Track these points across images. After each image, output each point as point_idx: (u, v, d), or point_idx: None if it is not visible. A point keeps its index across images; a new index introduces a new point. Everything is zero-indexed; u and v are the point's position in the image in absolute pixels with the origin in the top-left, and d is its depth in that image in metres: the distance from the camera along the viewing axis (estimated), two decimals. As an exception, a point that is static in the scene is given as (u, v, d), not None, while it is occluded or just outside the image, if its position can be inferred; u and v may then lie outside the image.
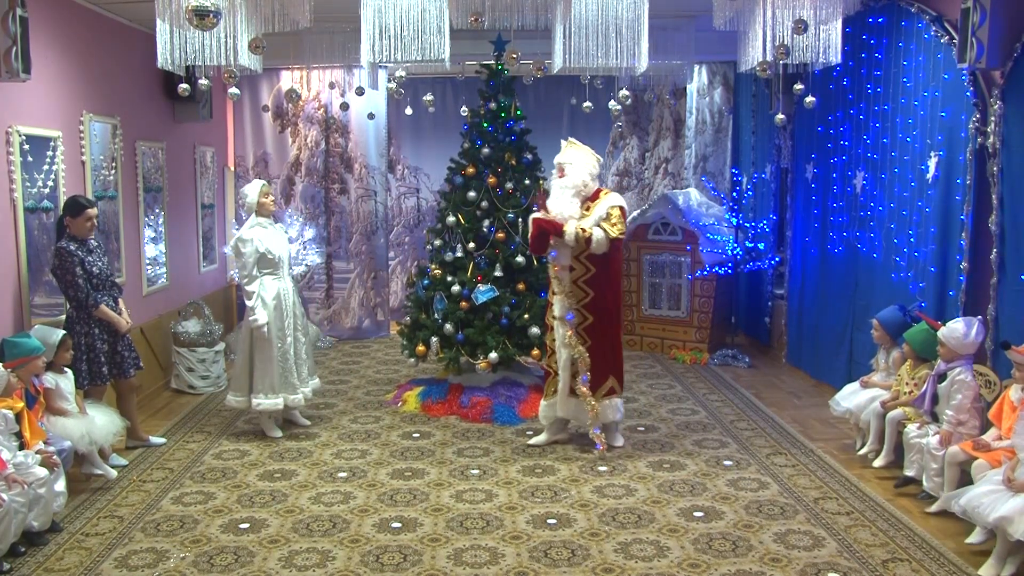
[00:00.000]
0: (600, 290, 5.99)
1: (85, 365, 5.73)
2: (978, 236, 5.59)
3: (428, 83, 9.94)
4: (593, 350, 6.04)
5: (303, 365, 6.63)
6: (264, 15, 5.35)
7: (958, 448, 4.82)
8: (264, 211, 6.49)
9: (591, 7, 5.46)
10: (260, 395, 6.38)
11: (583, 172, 6.01)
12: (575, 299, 5.99)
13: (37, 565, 4.42)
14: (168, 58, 5.27)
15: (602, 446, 6.11)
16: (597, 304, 6.00)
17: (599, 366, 6.07)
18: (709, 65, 10.20)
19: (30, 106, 5.83)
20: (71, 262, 5.60)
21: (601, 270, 5.97)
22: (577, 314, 6.00)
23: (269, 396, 6.38)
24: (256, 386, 6.40)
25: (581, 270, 5.96)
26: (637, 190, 10.93)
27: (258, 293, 6.31)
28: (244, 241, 6.36)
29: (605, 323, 6.04)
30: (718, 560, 4.47)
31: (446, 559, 4.49)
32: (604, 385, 6.11)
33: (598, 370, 6.07)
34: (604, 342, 6.06)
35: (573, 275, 5.98)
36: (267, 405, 6.39)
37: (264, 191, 6.53)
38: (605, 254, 5.90)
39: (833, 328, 7.57)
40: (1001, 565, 4.22)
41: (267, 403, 6.38)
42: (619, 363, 6.22)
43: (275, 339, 6.36)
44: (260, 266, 6.37)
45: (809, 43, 5.42)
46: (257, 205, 6.46)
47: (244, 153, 10.04)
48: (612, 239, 5.85)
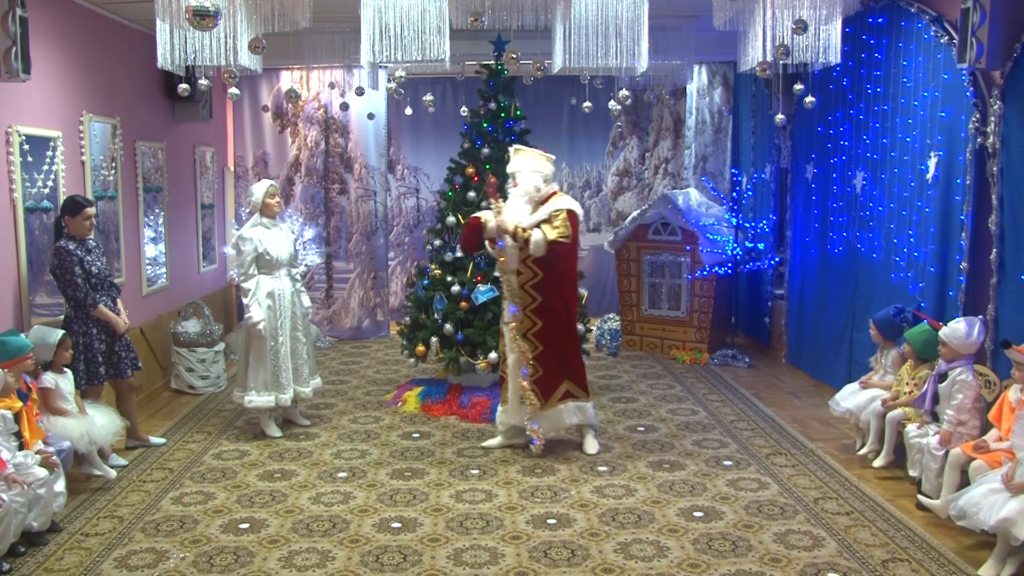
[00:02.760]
0: (548, 295, 5.89)
1: (83, 365, 5.73)
2: (978, 236, 5.59)
3: (428, 83, 9.93)
4: (543, 355, 5.96)
5: (304, 365, 6.62)
6: (264, 15, 5.35)
7: (960, 451, 4.82)
8: (268, 212, 6.48)
9: (591, 7, 5.47)
10: (252, 392, 6.41)
11: (532, 177, 5.93)
12: (523, 303, 5.93)
13: (37, 565, 4.42)
14: (168, 58, 5.27)
15: (539, 441, 6.03)
16: (545, 309, 5.90)
17: (550, 370, 5.98)
18: (709, 65, 10.21)
19: (30, 106, 5.83)
20: (70, 261, 5.59)
21: (549, 275, 5.86)
22: (526, 319, 5.92)
23: (261, 394, 6.40)
24: (248, 383, 6.43)
25: (528, 274, 5.87)
26: (637, 190, 10.93)
27: (254, 291, 6.32)
28: (244, 240, 6.38)
29: (554, 328, 5.95)
30: (718, 560, 4.47)
31: (446, 559, 4.49)
32: (558, 390, 6.02)
33: (549, 375, 5.99)
34: (554, 347, 5.97)
35: (520, 279, 5.89)
36: (259, 403, 6.40)
37: (271, 192, 6.51)
38: (554, 258, 5.79)
39: (833, 328, 7.57)
40: (1001, 565, 4.22)
41: (258, 400, 6.40)
42: (575, 368, 6.12)
43: (268, 337, 6.36)
44: (258, 266, 6.38)
45: (809, 43, 5.42)
46: (262, 205, 6.46)
47: (244, 153, 10.04)
48: (551, 241, 5.69)
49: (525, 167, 6.00)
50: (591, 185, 11.05)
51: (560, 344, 6.01)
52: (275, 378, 6.42)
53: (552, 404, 6.04)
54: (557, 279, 5.91)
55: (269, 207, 6.47)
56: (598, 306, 10.60)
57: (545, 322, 5.94)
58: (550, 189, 6.00)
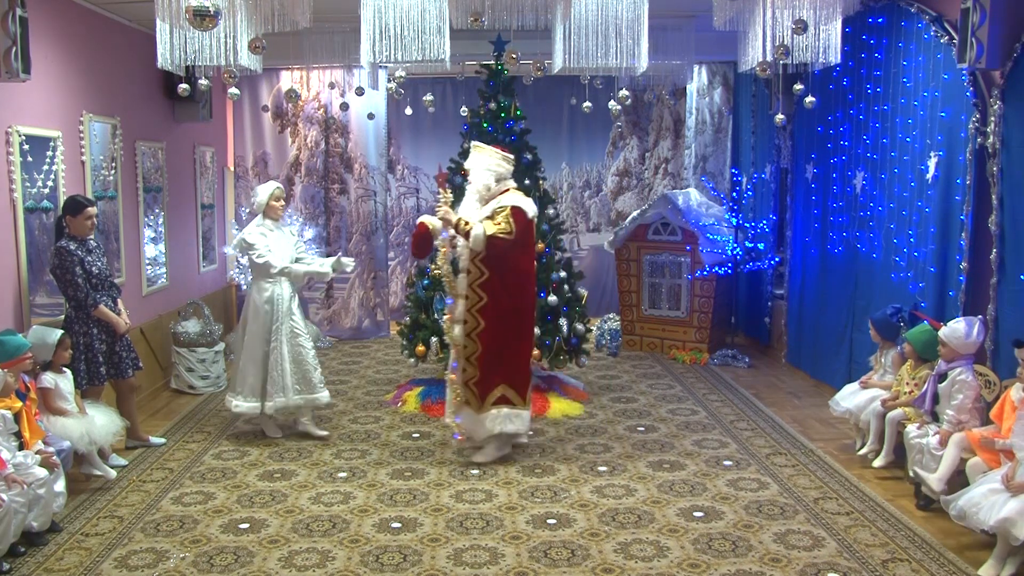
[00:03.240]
0: (494, 295, 5.74)
1: (83, 365, 5.73)
2: (978, 236, 5.59)
3: (428, 83, 9.93)
4: (483, 356, 5.81)
5: (313, 371, 6.37)
6: (264, 15, 5.35)
7: (964, 435, 4.84)
8: (272, 214, 6.41)
9: (591, 7, 5.46)
10: (239, 397, 6.31)
11: (484, 176, 5.84)
12: (470, 303, 5.80)
13: (37, 565, 4.42)
14: (168, 58, 5.27)
15: (460, 436, 6.00)
16: (489, 309, 5.75)
17: (489, 371, 5.81)
18: (709, 65, 10.21)
19: (30, 106, 5.83)
20: (71, 261, 5.59)
21: (496, 275, 5.72)
22: (471, 318, 5.81)
23: (248, 399, 6.30)
24: (236, 387, 6.34)
25: (476, 273, 5.76)
26: (637, 190, 10.93)
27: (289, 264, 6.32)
28: (252, 234, 6.31)
29: (499, 329, 5.77)
30: (718, 560, 4.47)
31: (446, 559, 4.49)
32: (493, 392, 5.82)
33: (487, 375, 5.82)
34: (496, 349, 5.79)
35: (469, 278, 5.79)
36: (244, 408, 6.31)
37: (276, 194, 6.42)
38: (503, 259, 5.69)
39: (833, 328, 7.57)
40: (1001, 565, 4.22)
41: (244, 406, 6.31)
42: (516, 374, 5.88)
43: (260, 342, 6.26)
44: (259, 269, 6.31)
45: (809, 43, 5.42)
46: (266, 207, 6.38)
47: (244, 153, 10.04)
48: (490, 236, 5.58)
49: (478, 165, 5.91)
50: (591, 185, 11.05)
51: (503, 347, 5.81)
52: (263, 384, 6.27)
53: (486, 408, 5.84)
54: (505, 279, 5.75)
55: (273, 209, 6.41)
56: (598, 306, 10.60)
57: (488, 323, 5.77)
58: (502, 187, 5.88)
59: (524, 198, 5.87)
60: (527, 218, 5.74)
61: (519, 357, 5.91)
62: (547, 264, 7.21)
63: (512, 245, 5.66)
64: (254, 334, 6.30)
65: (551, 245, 7.30)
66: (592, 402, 7.42)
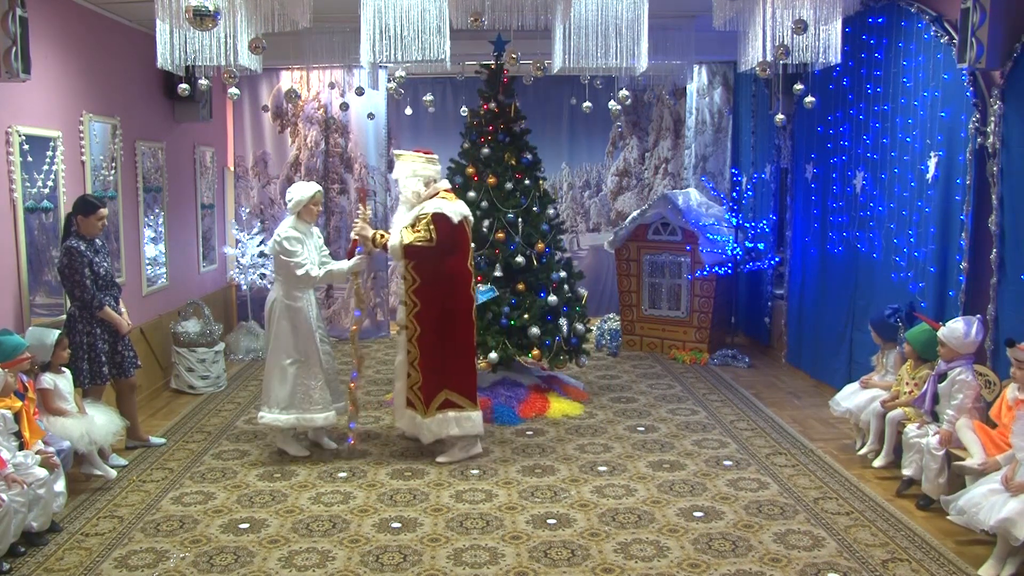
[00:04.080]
0: (427, 302, 5.80)
1: (86, 364, 5.73)
2: (978, 236, 5.59)
3: (428, 83, 9.94)
4: (423, 361, 5.85)
5: (335, 381, 6.17)
6: (264, 15, 5.35)
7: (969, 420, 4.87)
8: (308, 216, 6.01)
9: (591, 7, 5.46)
10: (275, 409, 5.94)
11: (410, 182, 5.91)
12: (407, 309, 5.87)
13: (37, 565, 4.42)
14: (168, 58, 5.27)
15: (352, 441, 6.01)
16: (424, 315, 5.82)
17: (430, 377, 5.86)
18: (709, 65, 10.21)
19: (30, 106, 5.83)
20: (80, 262, 5.60)
21: (427, 282, 5.79)
22: (410, 324, 5.87)
23: (288, 411, 5.92)
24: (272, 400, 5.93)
25: (410, 280, 5.83)
26: (637, 190, 10.93)
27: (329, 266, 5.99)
28: (292, 239, 5.86)
29: (435, 335, 5.82)
30: (718, 560, 4.47)
31: (446, 559, 4.49)
32: (437, 397, 5.86)
33: (430, 380, 5.86)
34: (435, 354, 5.84)
35: (405, 284, 5.86)
36: (322, 420, 5.94)
37: (318, 198, 6.01)
38: (431, 264, 5.75)
39: (833, 328, 7.57)
40: (1001, 565, 4.22)
41: (321, 418, 5.94)
42: (459, 378, 5.90)
43: (312, 351, 5.95)
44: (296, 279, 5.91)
45: (809, 43, 5.42)
46: (303, 208, 5.96)
47: (244, 153, 10.04)
48: (407, 245, 5.68)
49: (403, 173, 5.94)
50: (591, 185, 11.06)
51: (441, 352, 5.85)
52: (306, 395, 5.94)
53: (432, 413, 5.87)
54: (435, 284, 5.80)
55: (310, 212, 6.00)
56: (598, 306, 10.60)
57: (423, 328, 5.83)
58: (432, 191, 5.93)
59: (449, 203, 5.87)
60: (451, 223, 5.76)
61: (461, 361, 5.93)
62: (547, 264, 7.22)
63: (436, 251, 5.72)
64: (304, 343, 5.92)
65: (551, 245, 7.30)
66: (592, 402, 7.42)
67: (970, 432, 4.85)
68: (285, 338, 5.93)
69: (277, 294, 5.98)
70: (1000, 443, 4.64)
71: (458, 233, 5.83)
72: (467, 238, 5.94)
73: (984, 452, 4.68)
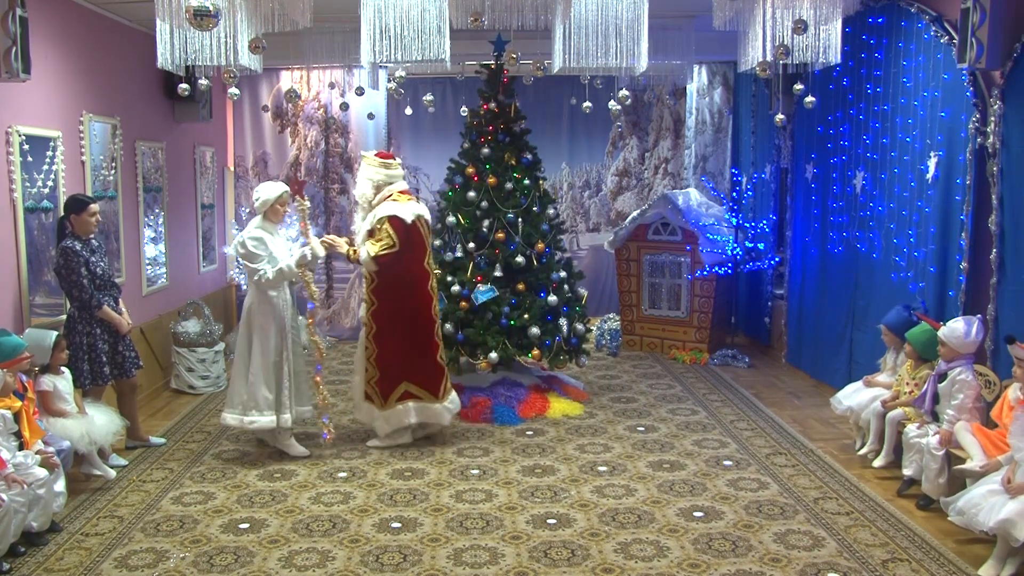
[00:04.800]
0: (383, 300, 6.02)
1: (87, 365, 5.73)
2: (978, 236, 5.59)
3: (428, 83, 9.93)
4: (380, 357, 6.09)
5: (304, 383, 6.19)
6: (264, 15, 5.35)
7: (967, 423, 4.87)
8: (275, 216, 6.00)
9: (591, 7, 5.46)
10: (253, 411, 5.91)
11: (362, 185, 6.13)
12: (366, 307, 6.13)
13: (37, 565, 4.42)
14: (168, 58, 5.27)
15: (328, 436, 6.08)
16: (381, 312, 6.05)
17: (387, 372, 6.09)
18: (709, 65, 10.21)
19: (30, 106, 5.83)
20: (76, 262, 5.60)
21: (383, 281, 6.01)
22: (368, 322, 6.12)
23: (264, 413, 5.91)
24: (248, 402, 5.91)
25: (369, 280, 6.10)
26: (637, 190, 10.93)
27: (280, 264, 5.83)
28: (257, 240, 5.85)
29: (393, 331, 6.04)
30: (718, 560, 4.47)
31: (446, 559, 4.49)
32: (397, 390, 6.10)
33: (387, 374, 6.09)
34: (392, 350, 6.05)
35: (366, 283, 6.15)
36: (263, 423, 5.91)
37: (284, 198, 6.00)
38: (388, 265, 5.95)
39: (833, 328, 7.57)
40: (1001, 566, 4.22)
41: (263, 420, 5.90)
42: (421, 371, 6.12)
43: (273, 353, 5.92)
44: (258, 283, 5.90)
45: (809, 43, 5.41)
46: (269, 209, 5.96)
47: (244, 153, 10.04)
48: (376, 257, 5.90)
49: (360, 176, 6.19)
50: (591, 185, 11.05)
51: (401, 347, 6.05)
52: (278, 397, 5.95)
53: (391, 404, 6.08)
54: (392, 283, 6.01)
55: (277, 213, 6.00)
56: (598, 306, 10.60)
57: (380, 325, 6.05)
58: (384, 195, 6.09)
59: (401, 204, 6.03)
60: (405, 224, 5.95)
61: (421, 358, 6.14)
62: (547, 264, 7.22)
63: (400, 254, 5.94)
64: (264, 345, 5.90)
65: (551, 245, 7.31)
66: (592, 402, 7.42)
67: (968, 435, 4.84)
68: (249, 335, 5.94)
69: (252, 295, 5.99)
70: (1000, 444, 4.64)
71: (412, 233, 6.00)
72: (422, 237, 6.11)
73: (984, 454, 4.68)
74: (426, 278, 6.14)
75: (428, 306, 6.15)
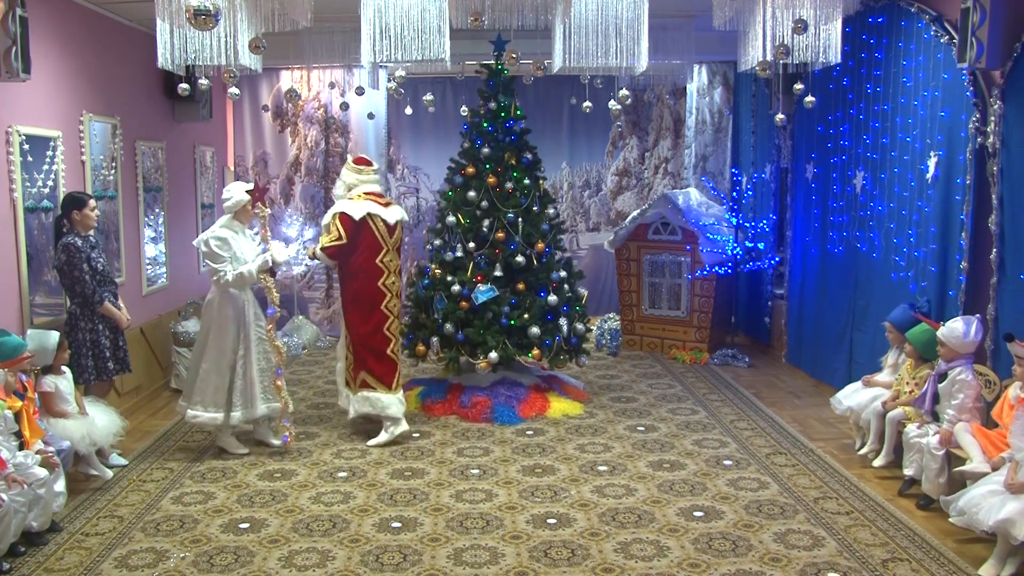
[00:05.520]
0: (344, 291, 6.54)
1: (91, 361, 5.75)
2: (978, 236, 5.59)
3: (428, 83, 9.93)
4: (350, 341, 6.49)
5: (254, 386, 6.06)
6: (264, 15, 5.35)
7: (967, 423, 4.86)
8: (244, 217, 6.09)
9: (591, 7, 5.46)
10: (198, 406, 5.96)
11: (337, 187, 6.59)
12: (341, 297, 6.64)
13: (37, 565, 4.42)
14: (168, 58, 5.26)
15: (288, 439, 6.14)
16: (343, 297, 6.56)
17: (355, 356, 6.45)
18: (709, 65, 10.21)
19: (30, 106, 5.83)
20: (78, 258, 5.62)
21: (343, 274, 6.51)
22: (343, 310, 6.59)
23: (208, 409, 5.96)
24: (194, 396, 5.98)
25: (337, 272, 6.76)
26: (637, 190, 10.93)
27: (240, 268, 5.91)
28: (222, 240, 5.93)
29: (350, 317, 6.46)
30: (718, 560, 4.47)
31: (446, 559, 4.49)
32: (357, 378, 6.43)
33: (355, 360, 6.45)
34: (353, 334, 6.45)
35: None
36: (205, 419, 5.97)
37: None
38: (346, 260, 6.37)
39: (833, 328, 7.57)
40: (1001, 565, 4.22)
41: (205, 416, 5.96)
42: (373, 360, 6.37)
43: (227, 350, 5.98)
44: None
45: (809, 43, 5.41)
46: (240, 209, 6.03)
47: (244, 153, 10.05)
48: (325, 248, 6.32)
49: (338, 179, 6.64)
50: (591, 185, 11.05)
51: (359, 334, 6.41)
52: (228, 394, 5.99)
53: (356, 389, 6.44)
54: (348, 277, 6.44)
55: (247, 213, 6.07)
56: (598, 306, 10.60)
57: (343, 309, 6.55)
58: (352, 194, 6.46)
59: (353, 203, 6.37)
60: (353, 220, 6.29)
61: (374, 345, 6.42)
62: (547, 264, 7.22)
63: (350, 247, 6.32)
64: (220, 342, 5.96)
65: (551, 245, 7.31)
66: (592, 402, 7.42)
67: (968, 436, 4.84)
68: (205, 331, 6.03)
69: (213, 291, 6.06)
70: (1000, 444, 4.64)
71: (362, 229, 6.31)
72: (372, 234, 6.35)
73: (983, 455, 4.68)
74: (378, 274, 6.38)
75: (379, 301, 6.41)
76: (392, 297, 6.46)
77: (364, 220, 6.29)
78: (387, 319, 6.41)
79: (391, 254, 6.47)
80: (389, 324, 6.43)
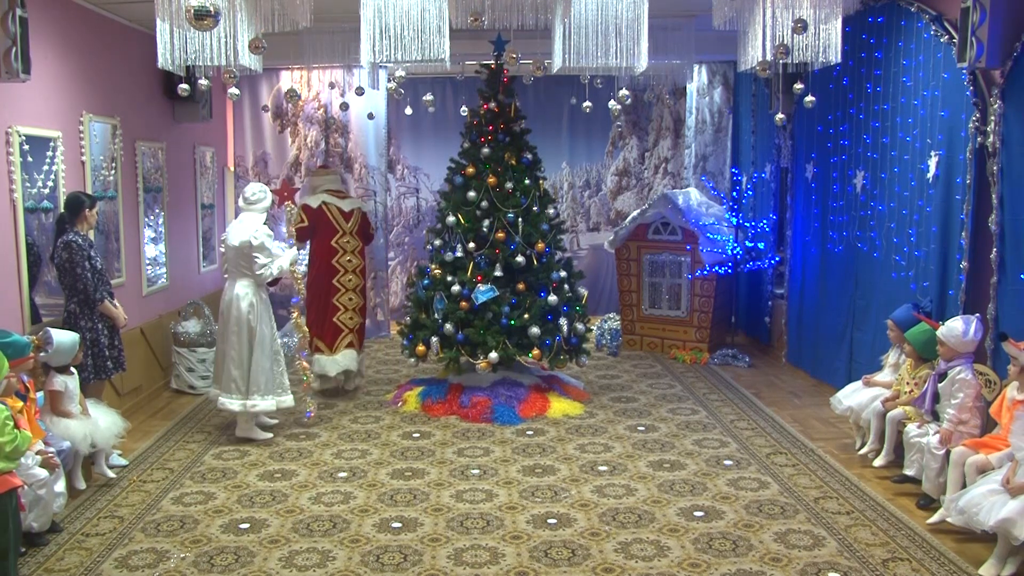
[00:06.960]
0: (309, 267, 7.66)
1: (90, 360, 5.78)
2: (978, 235, 5.59)
3: (428, 83, 9.93)
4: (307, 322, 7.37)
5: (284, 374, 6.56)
6: (264, 15, 5.35)
7: (962, 448, 4.81)
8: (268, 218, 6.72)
9: (591, 7, 5.46)
10: (256, 396, 6.37)
11: (304, 191, 7.71)
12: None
13: (37, 565, 4.42)
14: (168, 58, 5.26)
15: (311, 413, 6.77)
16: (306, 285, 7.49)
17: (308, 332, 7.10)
18: (709, 65, 10.21)
19: (30, 106, 5.83)
20: (81, 256, 5.65)
21: (309, 254, 7.70)
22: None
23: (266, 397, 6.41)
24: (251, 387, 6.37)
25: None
26: (637, 190, 10.93)
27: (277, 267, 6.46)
28: (271, 236, 6.52)
29: (310, 294, 7.54)
30: (718, 560, 4.47)
31: (446, 559, 4.49)
32: (314, 342, 7.42)
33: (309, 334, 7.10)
34: (310, 309, 7.55)
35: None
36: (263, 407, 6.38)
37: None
38: (302, 237, 7.39)
39: (833, 328, 7.57)
40: (1001, 565, 4.22)
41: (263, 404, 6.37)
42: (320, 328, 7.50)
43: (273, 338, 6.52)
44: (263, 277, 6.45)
45: (809, 43, 5.41)
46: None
47: (244, 153, 10.04)
48: (296, 230, 7.15)
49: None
50: (591, 185, 11.06)
51: (312, 305, 7.55)
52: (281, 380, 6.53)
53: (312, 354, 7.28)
54: (311, 257, 7.65)
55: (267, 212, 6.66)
56: (598, 306, 10.60)
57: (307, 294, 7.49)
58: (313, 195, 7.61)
59: (313, 196, 7.60)
60: (311, 208, 7.47)
61: (324, 315, 7.52)
62: (547, 264, 7.22)
63: (310, 228, 7.42)
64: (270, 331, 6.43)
65: (551, 245, 7.30)
66: (592, 402, 7.43)
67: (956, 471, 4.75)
68: (270, 331, 6.45)
69: (250, 293, 6.36)
70: (1000, 447, 4.63)
71: (319, 215, 7.46)
72: (328, 220, 7.48)
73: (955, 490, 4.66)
74: (332, 253, 7.51)
75: (331, 276, 7.52)
76: (346, 273, 7.53)
77: (321, 208, 7.46)
78: (338, 291, 7.52)
79: (347, 236, 7.54)
80: (339, 296, 7.52)
